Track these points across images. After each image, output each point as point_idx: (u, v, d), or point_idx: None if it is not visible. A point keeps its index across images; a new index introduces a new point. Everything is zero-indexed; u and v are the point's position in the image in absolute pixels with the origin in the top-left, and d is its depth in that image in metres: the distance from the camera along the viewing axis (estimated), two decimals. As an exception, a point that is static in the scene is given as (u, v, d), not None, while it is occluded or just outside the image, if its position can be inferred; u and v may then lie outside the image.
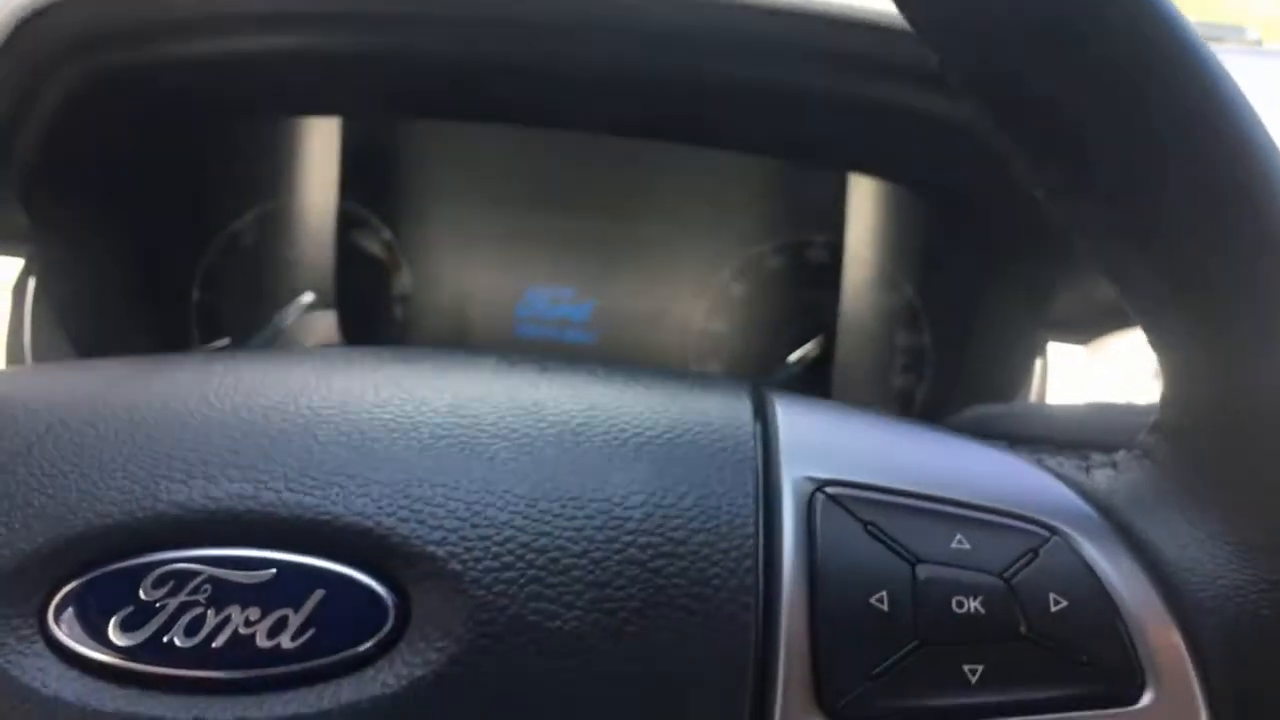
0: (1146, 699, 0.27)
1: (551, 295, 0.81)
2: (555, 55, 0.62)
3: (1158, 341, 0.30)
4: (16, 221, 0.61)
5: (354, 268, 0.80)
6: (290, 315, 0.75)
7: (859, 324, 0.79)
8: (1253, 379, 0.28)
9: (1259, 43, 0.84)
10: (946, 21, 0.28)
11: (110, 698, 0.25)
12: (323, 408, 0.30)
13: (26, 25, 0.55)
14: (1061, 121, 0.27)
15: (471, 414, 0.30)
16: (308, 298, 0.77)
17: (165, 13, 0.60)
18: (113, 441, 0.29)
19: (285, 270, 0.80)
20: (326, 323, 0.77)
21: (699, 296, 0.80)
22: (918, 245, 0.79)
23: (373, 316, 0.80)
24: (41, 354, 0.63)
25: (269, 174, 0.80)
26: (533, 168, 0.80)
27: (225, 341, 0.78)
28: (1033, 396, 0.62)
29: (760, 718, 0.26)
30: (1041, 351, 0.62)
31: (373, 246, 0.81)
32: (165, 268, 0.77)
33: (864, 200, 0.79)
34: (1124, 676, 0.27)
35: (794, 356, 0.77)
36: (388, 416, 0.29)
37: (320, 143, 0.80)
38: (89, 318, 0.68)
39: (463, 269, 0.81)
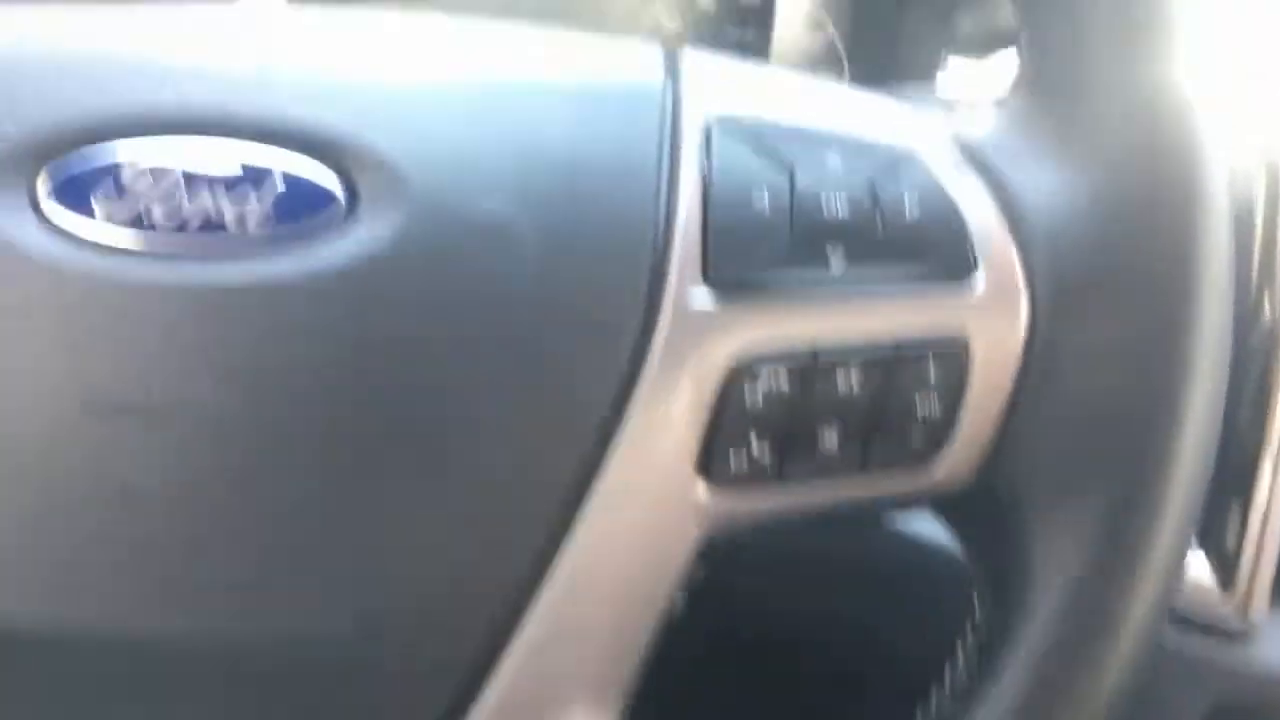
0: (978, 284, 0.34)
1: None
2: None
3: (1029, 20, 0.35)
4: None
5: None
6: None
7: (785, 63, 0.82)
8: (1096, 55, 0.34)
9: None
10: None
11: (100, 263, 0.30)
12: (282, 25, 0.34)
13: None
14: None
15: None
16: None
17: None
18: (88, 45, 0.32)
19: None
20: None
21: (628, 36, 0.81)
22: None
23: None
24: None
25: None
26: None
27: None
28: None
29: (656, 290, 0.31)
30: (942, 64, 0.67)
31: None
32: None
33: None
34: (961, 264, 0.34)
35: None
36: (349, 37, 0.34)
37: None
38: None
39: None
